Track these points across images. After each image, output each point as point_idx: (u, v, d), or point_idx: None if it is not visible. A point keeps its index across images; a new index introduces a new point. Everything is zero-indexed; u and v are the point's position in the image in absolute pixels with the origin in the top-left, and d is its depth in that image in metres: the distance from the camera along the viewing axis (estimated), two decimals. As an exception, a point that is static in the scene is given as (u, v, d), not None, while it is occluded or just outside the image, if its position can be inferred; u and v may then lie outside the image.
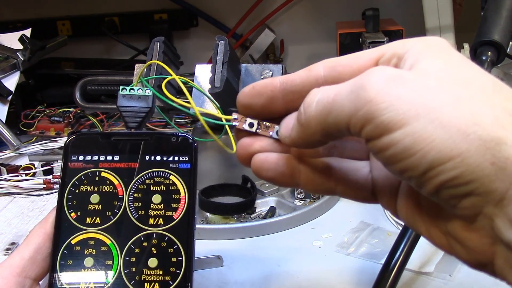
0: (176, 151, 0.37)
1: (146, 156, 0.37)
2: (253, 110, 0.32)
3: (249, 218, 0.60)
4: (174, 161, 0.37)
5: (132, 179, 0.36)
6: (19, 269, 0.34)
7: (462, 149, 0.23)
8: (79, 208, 0.36)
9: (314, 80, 0.29)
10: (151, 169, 0.37)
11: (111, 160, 0.37)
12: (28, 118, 0.91)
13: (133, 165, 0.37)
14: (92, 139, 0.37)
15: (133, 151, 0.37)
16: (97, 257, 0.35)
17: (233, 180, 0.64)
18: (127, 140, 0.37)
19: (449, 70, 0.25)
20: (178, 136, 0.37)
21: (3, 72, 0.87)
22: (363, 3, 0.92)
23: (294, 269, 0.51)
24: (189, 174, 0.36)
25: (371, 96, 0.24)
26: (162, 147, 0.37)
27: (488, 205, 0.23)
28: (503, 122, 0.23)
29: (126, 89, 0.41)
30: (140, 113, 0.42)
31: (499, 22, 0.54)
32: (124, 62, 1.10)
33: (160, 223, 0.35)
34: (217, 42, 0.55)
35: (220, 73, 0.54)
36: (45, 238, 0.35)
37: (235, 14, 1.10)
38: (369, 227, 0.56)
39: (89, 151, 0.37)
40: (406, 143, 0.23)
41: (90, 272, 0.34)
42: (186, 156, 0.37)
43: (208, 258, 0.52)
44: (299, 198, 0.64)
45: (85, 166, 0.37)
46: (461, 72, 0.25)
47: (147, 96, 0.41)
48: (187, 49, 1.13)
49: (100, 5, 1.17)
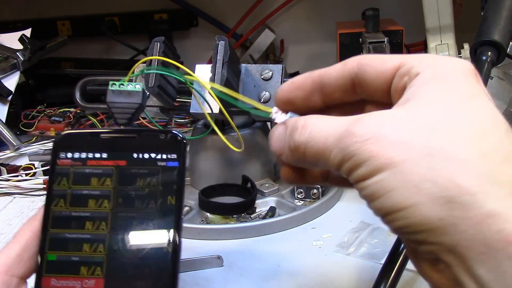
0: (164, 148, 0.37)
1: (134, 154, 0.37)
2: (292, 104, 0.33)
3: (249, 218, 0.60)
4: (162, 159, 0.36)
5: (120, 176, 0.36)
6: (5, 268, 0.34)
7: (413, 201, 0.25)
8: (67, 205, 0.36)
9: (348, 75, 0.31)
10: (139, 166, 0.36)
11: (100, 158, 0.37)
12: (28, 118, 0.92)
13: (121, 163, 0.37)
14: (81, 137, 0.37)
15: (122, 149, 0.37)
16: (85, 255, 0.35)
17: (233, 180, 0.64)
18: (116, 137, 0.37)
19: (444, 115, 0.26)
20: (167, 133, 0.37)
21: (3, 72, 0.87)
22: (363, 3, 0.92)
23: (294, 269, 0.51)
24: (177, 172, 0.36)
25: (354, 151, 0.27)
26: (151, 145, 0.37)
27: (444, 254, 0.25)
28: (475, 187, 0.24)
29: (116, 84, 0.41)
30: (129, 109, 0.41)
31: (499, 22, 0.54)
32: (124, 62, 1.10)
33: (148, 220, 0.35)
34: (217, 42, 0.55)
35: (220, 73, 0.54)
36: (32, 237, 0.35)
37: (235, 14, 1.10)
38: (369, 227, 0.56)
39: (77, 149, 0.37)
40: (373, 188, 0.26)
41: (78, 270, 0.34)
42: (175, 153, 0.37)
43: (208, 258, 0.52)
44: (299, 198, 0.64)
45: (74, 164, 0.37)
46: (459, 119, 0.26)
47: (138, 92, 0.41)
48: (187, 49, 1.13)
49: (100, 5, 1.17)
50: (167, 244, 0.35)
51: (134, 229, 0.35)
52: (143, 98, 0.42)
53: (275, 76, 0.59)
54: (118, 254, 0.35)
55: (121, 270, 0.34)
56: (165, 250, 0.35)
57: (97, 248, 0.35)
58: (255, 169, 0.65)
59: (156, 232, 0.35)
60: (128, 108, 0.41)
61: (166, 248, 0.35)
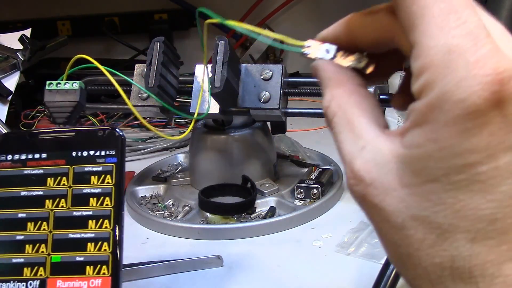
0: (102, 145, 0.37)
1: (73, 152, 0.37)
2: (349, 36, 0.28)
3: (249, 218, 0.60)
4: (100, 156, 0.37)
5: (59, 176, 0.37)
6: None
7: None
8: (9, 207, 0.37)
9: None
10: (77, 164, 0.37)
11: (39, 158, 0.37)
12: (28, 118, 0.92)
13: (60, 162, 0.37)
14: (20, 138, 0.38)
15: (60, 148, 0.37)
16: (29, 256, 0.35)
17: (233, 180, 0.64)
18: (54, 137, 0.38)
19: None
20: (105, 130, 0.37)
21: (3, 72, 0.87)
22: (363, 3, 0.92)
23: (294, 269, 0.51)
24: (115, 168, 0.37)
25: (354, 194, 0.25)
26: (89, 142, 0.37)
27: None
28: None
29: (53, 84, 0.41)
30: (67, 107, 0.42)
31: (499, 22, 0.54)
32: (124, 62, 1.10)
33: (88, 217, 0.36)
34: (217, 42, 0.55)
35: (220, 73, 0.54)
36: None
37: (235, 14, 1.10)
38: (369, 227, 0.56)
39: (17, 150, 0.38)
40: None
41: (22, 272, 0.35)
42: (113, 150, 0.37)
43: (208, 258, 0.52)
44: (299, 198, 0.64)
45: (13, 166, 0.37)
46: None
47: (75, 90, 0.41)
48: (187, 49, 1.13)
49: (100, 5, 1.17)
50: (108, 239, 0.35)
51: (76, 227, 0.36)
52: (80, 96, 0.42)
53: (275, 76, 0.59)
54: (60, 249, 0.35)
55: (63, 266, 0.35)
56: (106, 246, 0.35)
57: (40, 246, 0.35)
58: (255, 169, 0.65)
59: (97, 229, 0.35)
60: (66, 106, 0.42)
61: (106, 243, 0.35)
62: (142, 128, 0.93)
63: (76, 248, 0.35)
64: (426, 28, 0.21)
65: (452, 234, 0.21)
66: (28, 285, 0.35)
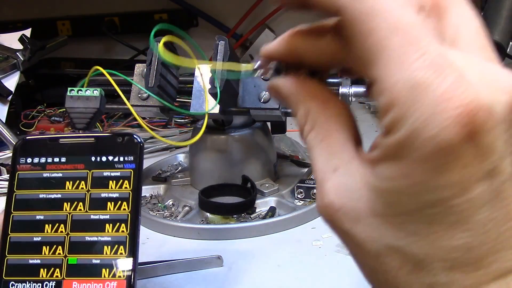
0: (121, 151, 0.38)
1: (92, 157, 0.38)
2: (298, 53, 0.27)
3: (249, 218, 0.60)
4: (119, 161, 0.37)
5: (78, 180, 0.37)
6: None
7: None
8: (27, 210, 0.37)
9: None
10: (96, 169, 0.37)
11: (58, 162, 0.38)
12: (28, 118, 0.92)
13: (79, 167, 0.38)
14: (40, 142, 0.39)
15: (80, 153, 0.38)
16: (45, 258, 0.36)
17: (233, 180, 0.64)
18: (74, 142, 0.38)
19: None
20: (124, 136, 0.38)
21: (3, 72, 0.87)
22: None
23: (294, 269, 0.51)
24: (134, 174, 0.37)
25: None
26: (108, 148, 0.38)
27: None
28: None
29: (74, 90, 0.42)
30: (87, 114, 0.42)
31: (499, 22, 0.54)
32: (124, 62, 1.10)
33: (105, 221, 0.36)
34: (217, 42, 0.55)
35: (220, 73, 0.54)
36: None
37: (235, 14, 1.10)
38: (369, 227, 0.56)
39: (37, 154, 0.38)
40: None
41: (38, 273, 0.35)
42: (132, 156, 0.37)
43: (208, 258, 0.52)
44: (299, 198, 0.64)
45: (33, 169, 0.38)
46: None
47: (95, 97, 0.42)
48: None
49: (100, 5, 1.17)
50: (125, 242, 0.36)
51: (93, 231, 0.36)
52: (101, 103, 0.43)
53: (275, 76, 0.59)
54: (79, 254, 0.36)
55: (81, 269, 0.35)
56: (122, 250, 0.35)
57: (57, 249, 0.36)
58: (255, 169, 0.65)
59: (114, 233, 0.36)
60: (86, 113, 0.43)
61: (122, 247, 0.36)
62: (142, 128, 0.93)
63: (93, 251, 0.36)
64: (386, 64, 0.20)
65: (428, 263, 0.21)
66: (44, 286, 0.35)
